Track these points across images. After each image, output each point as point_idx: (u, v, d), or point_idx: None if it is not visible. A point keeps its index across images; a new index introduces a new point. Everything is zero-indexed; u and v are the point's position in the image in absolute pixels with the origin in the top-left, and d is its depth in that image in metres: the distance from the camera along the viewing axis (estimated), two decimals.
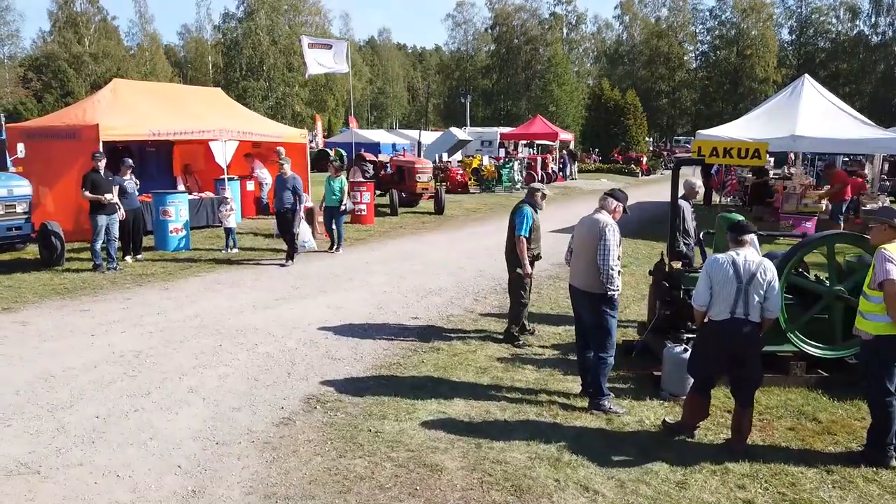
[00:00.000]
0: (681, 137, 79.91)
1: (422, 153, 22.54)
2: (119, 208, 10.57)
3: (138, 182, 11.52)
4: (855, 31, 68.64)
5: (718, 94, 71.58)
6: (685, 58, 74.35)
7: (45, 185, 12.56)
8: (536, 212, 7.09)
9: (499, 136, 38.52)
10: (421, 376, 6.12)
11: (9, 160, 11.54)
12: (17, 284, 9.48)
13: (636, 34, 75.47)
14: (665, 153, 51.02)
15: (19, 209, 10.10)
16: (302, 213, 11.42)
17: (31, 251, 11.67)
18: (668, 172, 43.57)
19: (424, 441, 4.83)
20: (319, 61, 19.48)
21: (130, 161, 11.26)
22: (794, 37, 73.44)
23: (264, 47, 64.97)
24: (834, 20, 71.22)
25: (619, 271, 5.33)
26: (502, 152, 33.02)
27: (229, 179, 16.11)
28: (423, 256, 12.21)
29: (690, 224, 7.28)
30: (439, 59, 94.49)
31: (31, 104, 41.58)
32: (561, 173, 32.92)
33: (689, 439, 4.96)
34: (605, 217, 5.42)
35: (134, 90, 15.11)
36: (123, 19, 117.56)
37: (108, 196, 10.22)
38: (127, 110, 13.78)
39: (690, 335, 5.82)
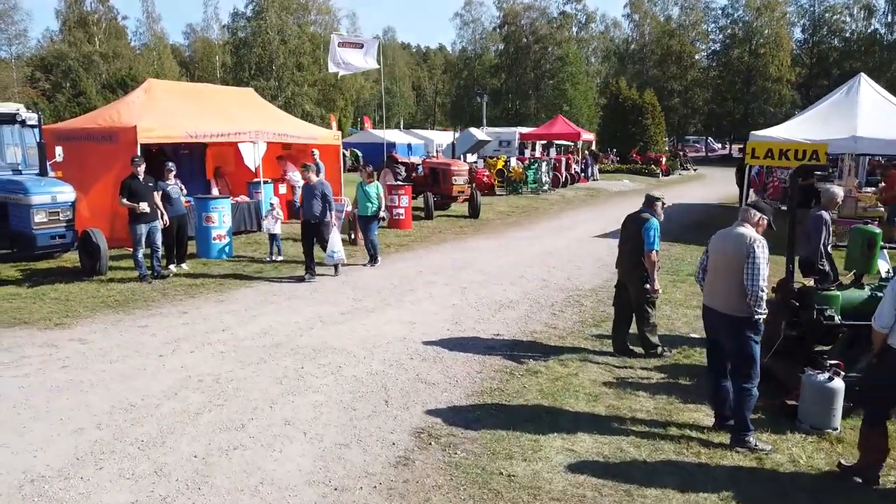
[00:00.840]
0: (690, 137, 79.34)
1: (456, 155, 21.98)
2: (162, 216, 10.08)
3: (184, 187, 11.02)
4: (870, 30, 68.01)
5: (730, 94, 70.91)
6: (696, 56, 73.68)
7: (80, 190, 11.99)
8: None
9: (517, 137, 37.99)
10: (530, 405, 5.61)
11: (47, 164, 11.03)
12: (64, 297, 8.99)
13: (647, 33, 74.76)
14: (681, 153, 50.43)
15: (62, 217, 9.60)
16: (334, 222, 10.49)
17: (69, 258, 11.22)
18: (687, 173, 43.30)
19: (566, 487, 4.32)
20: (348, 60, 18.94)
21: (173, 165, 10.75)
22: (806, 35, 72.76)
23: (274, 46, 64.54)
24: (847, 18, 70.62)
25: (767, 292, 4.82)
26: (527, 153, 32.48)
27: (263, 182, 15.66)
28: (477, 265, 11.68)
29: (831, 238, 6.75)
30: (444, 59, 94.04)
31: (42, 104, 41.02)
32: (583, 174, 32.37)
33: (874, 486, 4.41)
34: (750, 231, 4.90)
35: (168, 90, 14.62)
36: (130, 19, 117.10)
37: (142, 205, 9.69)
38: (162, 111, 13.28)
39: (833, 361, 5.29)
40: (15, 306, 8.48)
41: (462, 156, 26.64)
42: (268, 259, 11.87)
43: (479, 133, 31.25)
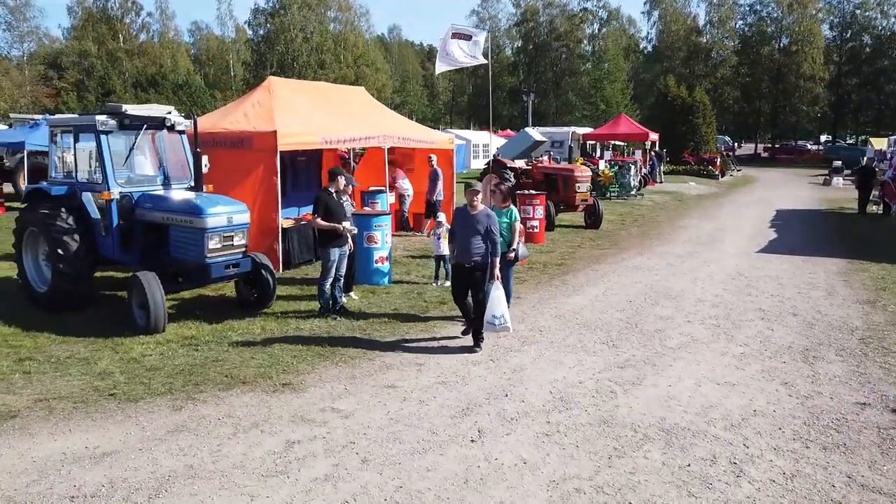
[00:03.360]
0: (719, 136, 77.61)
1: (571, 158, 20.32)
2: (350, 238, 8.43)
3: (354, 203, 9.38)
4: None
5: (758, 92, 69.39)
6: (725, 54, 72.18)
7: None
8: None
9: (570, 137, 36.38)
10: None
11: None
12: (256, 340, 7.32)
13: (673, 30, 73.08)
14: (728, 153, 48.93)
15: (237, 242, 7.90)
16: (497, 274, 7.20)
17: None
18: (739, 174, 41.75)
19: None
20: (455, 54, 17.29)
21: (352, 178, 9.11)
22: (836, 33, 71.40)
23: (296, 44, 62.80)
24: (878, 15, 69.22)
25: None
26: (607, 155, 30.87)
27: (378, 192, 14.02)
28: (678, 293, 10.00)
29: None
30: None
31: (72, 104, 39.18)
32: (649, 176, 30.77)
33: None
34: None
35: (290, 89, 12.94)
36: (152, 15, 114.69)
37: (346, 224, 8.10)
38: (291, 113, 11.66)
39: None
40: (209, 357, 6.81)
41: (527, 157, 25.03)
42: (434, 284, 10.25)
43: (535, 133, 29.69)
